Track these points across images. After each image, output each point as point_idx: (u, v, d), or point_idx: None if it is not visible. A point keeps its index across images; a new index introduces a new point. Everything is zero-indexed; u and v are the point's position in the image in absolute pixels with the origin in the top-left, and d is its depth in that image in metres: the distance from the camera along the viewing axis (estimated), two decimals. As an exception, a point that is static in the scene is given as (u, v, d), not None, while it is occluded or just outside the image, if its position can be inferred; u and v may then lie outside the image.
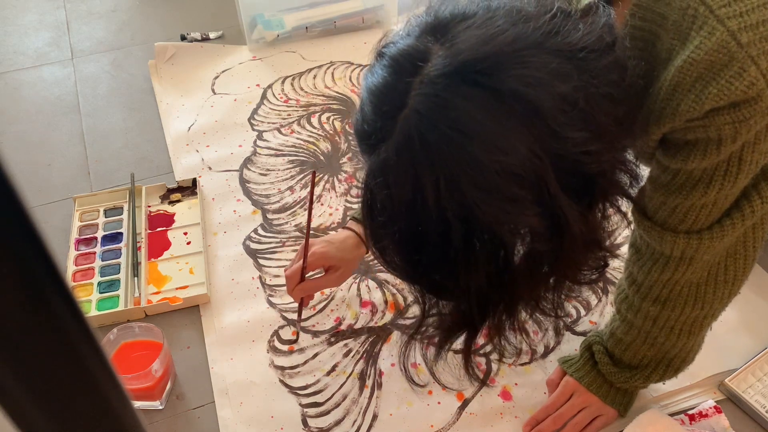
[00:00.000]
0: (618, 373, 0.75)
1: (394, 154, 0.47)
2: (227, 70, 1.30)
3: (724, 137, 0.51)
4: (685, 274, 0.64)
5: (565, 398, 0.77)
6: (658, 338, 0.70)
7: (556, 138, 0.45)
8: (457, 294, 0.53)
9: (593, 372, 0.77)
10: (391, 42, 0.50)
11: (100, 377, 0.24)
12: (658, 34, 0.51)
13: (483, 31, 0.46)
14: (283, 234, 0.99)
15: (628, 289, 0.70)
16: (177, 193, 1.05)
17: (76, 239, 0.97)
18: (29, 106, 1.23)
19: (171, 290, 0.92)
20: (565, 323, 0.84)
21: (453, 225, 0.46)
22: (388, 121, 0.47)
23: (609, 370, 0.75)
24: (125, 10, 1.47)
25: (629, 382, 0.75)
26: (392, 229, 0.50)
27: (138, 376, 0.75)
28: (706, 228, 0.60)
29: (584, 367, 0.78)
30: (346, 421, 0.79)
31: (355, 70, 1.30)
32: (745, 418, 0.79)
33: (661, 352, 0.72)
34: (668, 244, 0.62)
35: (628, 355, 0.74)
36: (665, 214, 0.61)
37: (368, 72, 0.51)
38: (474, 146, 0.44)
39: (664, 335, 0.70)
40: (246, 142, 1.15)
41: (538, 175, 0.45)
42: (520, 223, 0.48)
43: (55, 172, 1.10)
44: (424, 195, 0.46)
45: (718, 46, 0.47)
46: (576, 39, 0.46)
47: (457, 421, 0.79)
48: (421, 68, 0.46)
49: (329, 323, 0.88)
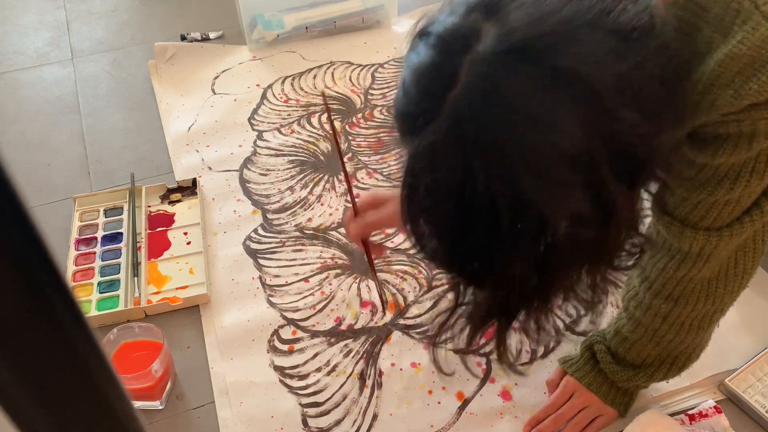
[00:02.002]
0: (620, 372, 0.75)
1: (442, 136, 0.44)
2: (227, 70, 1.30)
3: (757, 133, 0.51)
4: (701, 271, 0.63)
5: (565, 398, 0.77)
6: (666, 336, 0.70)
7: (611, 119, 0.44)
8: (496, 281, 0.51)
9: (594, 371, 0.77)
10: (435, 21, 0.48)
11: (100, 377, 0.24)
12: (699, 25, 0.51)
13: (536, 9, 0.44)
14: (283, 234, 1.00)
15: (638, 287, 0.70)
16: (177, 193, 1.05)
17: (76, 239, 0.97)
18: (29, 106, 1.23)
19: (171, 290, 0.92)
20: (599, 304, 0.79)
21: (501, 209, 0.44)
22: (435, 102, 0.45)
23: (611, 369, 0.75)
24: (125, 10, 1.47)
25: (632, 380, 0.75)
26: (435, 214, 0.48)
27: (138, 376, 0.75)
28: (726, 225, 0.59)
29: (585, 366, 0.78)
30: (346, 421, 0.79)
31: (355, 70, 1.30)
32: (745, 418, 0.79)
33: (666, 351, 0.72)
34: (687, 240, 0.61)
35: (632, 353, 0.74)
36: (686, 210, 0.60)
37: (411, 52, 0.49)
38: (528, 127, 0.43)
39: (674, 332, 0.69)
40: (246, 142, 1.15)
41: (592, 158, 0.44)
42: (569, 207, 0.46)
43: (55, 172, 1.10)
44: (473, 178, 0.44)
45: (761, 42, 0.46)
46: (627, 19, 0.45)
47: (457, 421, 0.79)
48: (471, 47, 0.44)
49: (329, 323, 0.88)
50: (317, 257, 0.96)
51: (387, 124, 1.18)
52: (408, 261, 0.96)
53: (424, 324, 0.88)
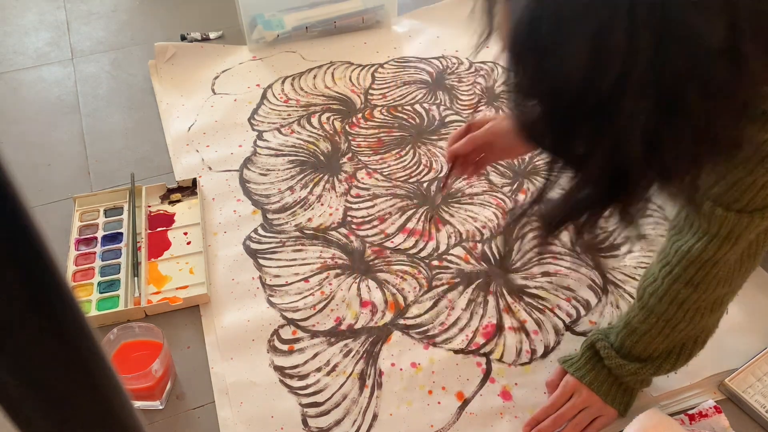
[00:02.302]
0: (626, 365, 0.74)
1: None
2: (227, 70, 1.30)
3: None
4: (726, 254, 0.62)
5: (565, 398, 0.77)
6: (678, 325, 0.69)
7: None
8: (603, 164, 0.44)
9: (595, 370, 0.77)
10: None
11: (100, 377, 0.24)
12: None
13: None
14: (283, 234, 1.00)
15: (658, 273, 0.69)
16: (177, 193, 1.05)
17: (76, 239, 0.97)
18: (29, 106, 1.24)
19: (171, 290, 0.92)
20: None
21: (632, 76, 0.39)
22: None
23: (617, 363, 0.74)
24: (125, 10, 1.47)
25: (639, 373, 0.74)
26: (549, 86, 0.42)
27: (138, 376, 0.75)
28: (759, 209, 0.58)
29: (586, 365, 0.78)
30: (346, 421, 0.79)
31: (355, 70, 1.30)
32: (745, 418, 0.79)
33: (674, 341, 0.71)
34: (717, 221, 0.60)
35: (640, 346, 0.73)
36: (721, 190, 0.59)
37: None
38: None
39: (687, 320, 0.68)
40: (246, 142, 1.15)
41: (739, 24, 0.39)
42: (706, 74, 0.40)
43: (55, 172, 1.10)
44: (610, 35, 0.38)
45: None
46: None
47: (457, 421, 0.79)
48: None
49: (329, 323, 0.88)
50: (317, 257, 0.96)
51: (387, 124, 1.19)
52: (408, 261, 0.96)
53: (424, 324, 0.88)
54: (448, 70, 1.31)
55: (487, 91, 1.26)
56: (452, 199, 1.05)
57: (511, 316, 0.89)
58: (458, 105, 1.23)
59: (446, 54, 1.35)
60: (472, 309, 0.90)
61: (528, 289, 0.93)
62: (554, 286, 0.93)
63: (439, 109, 1.22)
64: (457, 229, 1.00)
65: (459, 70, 1.31)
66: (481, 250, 0.97)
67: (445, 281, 0.94)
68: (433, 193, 0.89)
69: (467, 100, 1.24)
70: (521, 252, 0.98)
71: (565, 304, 0.91)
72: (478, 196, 1.06)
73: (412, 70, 1.31)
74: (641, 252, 0.97)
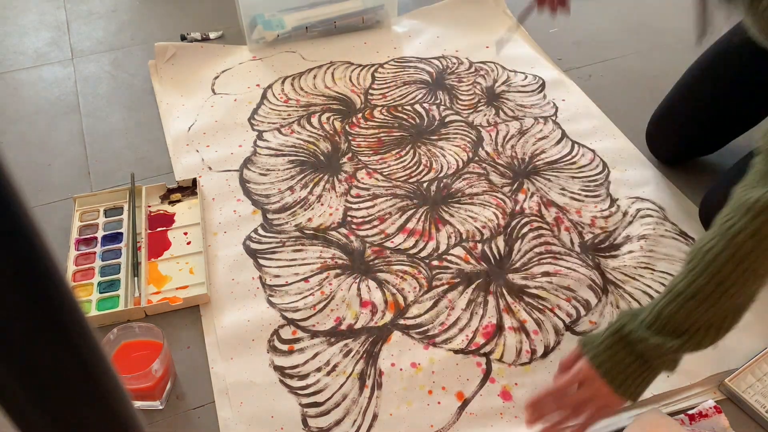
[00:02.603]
0: (665, 344, 0.67)
1: None
2: (227, 70, 1.30)
3: None
4: None
5: (571, 385, 0.71)
6: (730, 289, 0.64)
7: None
8: None
9: (617, 357, 0.70)
10: None
11: (100, 377, 0.24)
12: None
13: None
14: (283, 234, 1.00)
15: (717, 230, 0.65)
16: (177, 193, 1.05)
17: (76, 239, 0.97)
18: (29, 106, 1.24)
19: (171, 290, 0.92)
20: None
21: None
22: None
23: (653, 343, 0.67)
24: (125, 10, 1.47)
25: (679, 350, 0.67)
26: None
27: (138, 376, 0.75)
28: None
29: (607, 351, 0.70)
30: (346, 421, 0.79)
31: (355, 70, 1.30)
32: (745, 418, 0.80)
33: (719, 310, 0.66)
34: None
35: (681, 314, 0.66)
36: None
37: None
38: None
39: (741, 282, 0.64)
40: (246, 142, 1.15)
41: None
42: None
43: (55, 172, 1.10)
44: None
45: None
46: None
47: (457, 421, 0.79)
48: None
49: (329, 323, 0.88)
50: (317, 257, 0.96)
51: (387, 124, 1.19)
52: (408, 261, 0.96)
53: (424, 324, 0.88)
54: (448, 70, 1.31)
55: (487, 91, 1.27)
56: (452, 199, 1.05)
57: (511, 316, 0.89)
58: (458, 105, 1.23)
59: (446, 54, 1.36)
60: (472, 309, 0.90)
61: (528, 289, 0.93)
62: (554, 286, 0.93)
63: (439, 109, 1.22)
64: (457, 229, 1.00)
65: (459, 70, 1.31)
66: (481, 250, 0.98)
67: (445, 281, 0.94)
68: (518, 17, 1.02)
69: (467, 100, 1.24)
70: (521, 252, 0.98)
71: (565, 304, 0.91)
72: (478, 196, 1.06)
73: (412, 70, 1.31)
74: (641, 252, 0.97)
